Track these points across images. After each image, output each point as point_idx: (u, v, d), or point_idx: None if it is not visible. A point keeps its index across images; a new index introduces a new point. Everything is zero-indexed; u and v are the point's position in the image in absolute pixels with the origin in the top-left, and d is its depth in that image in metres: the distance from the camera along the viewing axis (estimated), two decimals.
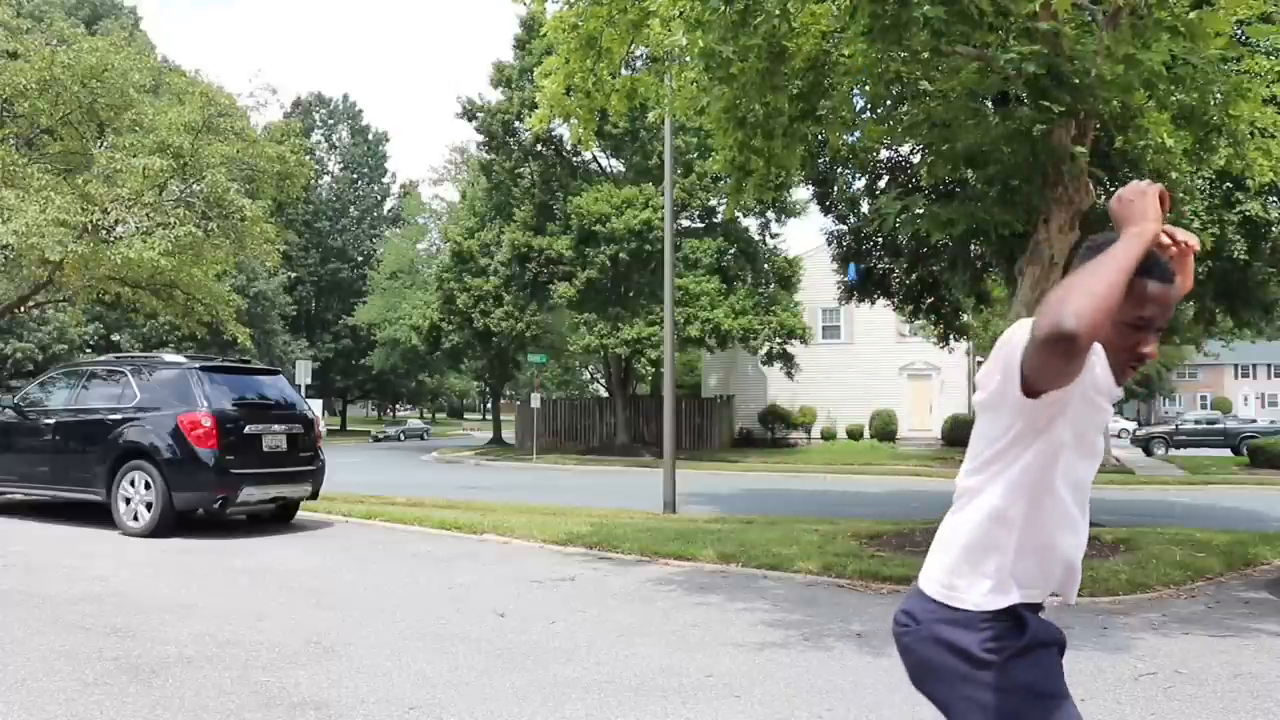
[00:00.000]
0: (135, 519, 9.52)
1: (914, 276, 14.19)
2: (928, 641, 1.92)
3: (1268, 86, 7.71)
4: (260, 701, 4.33)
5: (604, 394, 40.63)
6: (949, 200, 9.25)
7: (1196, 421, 36.63)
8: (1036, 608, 1.96)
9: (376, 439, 49.23)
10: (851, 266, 7.82)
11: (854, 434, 34.87)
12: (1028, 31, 6.86)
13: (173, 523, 9.44)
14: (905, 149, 12.10)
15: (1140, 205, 1.76)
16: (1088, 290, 1.62)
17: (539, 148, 30.76)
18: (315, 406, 13.46)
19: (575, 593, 7.16)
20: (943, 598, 1.92)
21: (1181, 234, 1.87)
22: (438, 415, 78.50)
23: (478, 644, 5.47)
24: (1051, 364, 1.68)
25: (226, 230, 18.00)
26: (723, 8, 7.13)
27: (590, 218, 28.32)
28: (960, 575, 1.91)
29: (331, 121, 58.71)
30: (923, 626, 1.93)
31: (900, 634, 1.98)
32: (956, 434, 32.32)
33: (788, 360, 30.91)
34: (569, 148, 30.57)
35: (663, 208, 19.68)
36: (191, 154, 16.89)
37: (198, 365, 10.16)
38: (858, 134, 9.30)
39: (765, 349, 30.46)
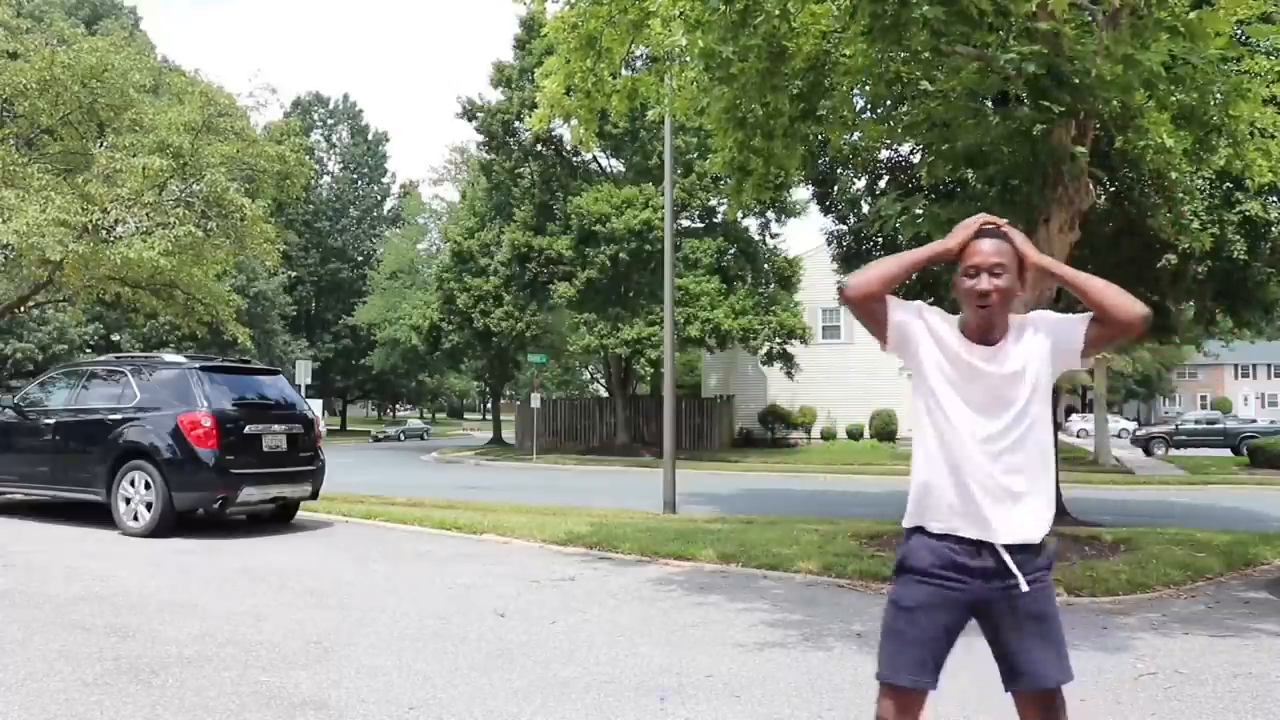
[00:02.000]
0: (135, 519, 9.52)
1: (914, 276, 14.17)
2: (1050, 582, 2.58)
3: (1268, 86, 7.70)
4: (260, 701, 4.34)
5: (604, 394, 40.60)
6: (949, 200, 9.25)
7: (1196, 421, 36.60)
8: None
9: (376, 439, 49.23)
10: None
11: (854, 434, 34.86)
12: (1028, 31, 6.86)
13: (173, 523, 9.44)
14: (905, 149, 12.09)
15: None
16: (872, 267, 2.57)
17: (539, 148, 30.73)
18: (315, 406, 13.46)
19: (575, 593, 7.16)
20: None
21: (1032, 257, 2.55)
22: (438, 415, 78.50)
23: (478, 644, 5.47)
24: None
25: (226, 230, 17.98)
26: (723, 8, 7.12)
27: (590, 218, 28.30)
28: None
29: (331, 121, 58.74)
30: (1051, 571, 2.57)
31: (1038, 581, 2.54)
32: None
33: (788, 360, 30.89)
34: (569, 148, 30.55)
35: (663, 208, 19.68)
36: (191, 154, 16.86)
37: (198, 365, 10.16)
38: (858, 134, 9.29)
39: (765, 349, 30.42)
